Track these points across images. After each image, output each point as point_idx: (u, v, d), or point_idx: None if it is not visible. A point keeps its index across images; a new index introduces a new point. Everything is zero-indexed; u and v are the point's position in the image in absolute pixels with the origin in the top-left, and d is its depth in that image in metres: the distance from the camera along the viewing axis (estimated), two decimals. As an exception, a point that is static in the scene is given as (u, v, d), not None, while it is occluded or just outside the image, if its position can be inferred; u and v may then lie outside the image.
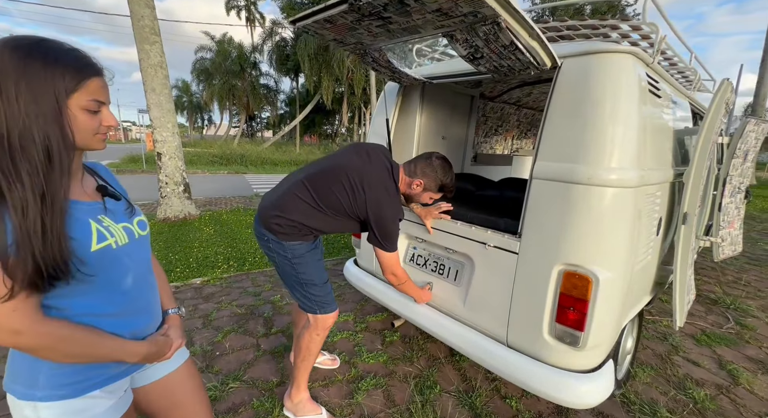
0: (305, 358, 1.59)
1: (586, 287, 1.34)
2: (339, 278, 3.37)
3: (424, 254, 2.01)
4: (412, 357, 2.15)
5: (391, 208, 1.45)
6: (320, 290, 1.53)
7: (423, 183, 1.54)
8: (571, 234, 1.37)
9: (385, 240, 1.47)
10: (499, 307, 1.59)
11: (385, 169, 1.49)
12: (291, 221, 1.45)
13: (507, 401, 1.82)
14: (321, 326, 1.56)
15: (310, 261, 1.51)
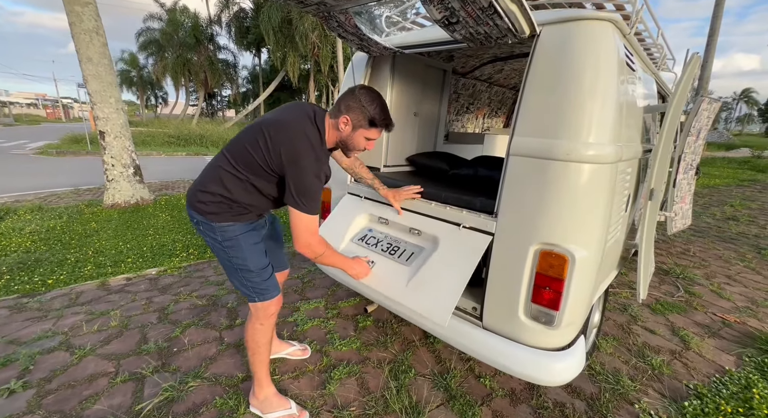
0: (255, 351, 1.48)
1: (562, 266, 1.31)
2: (308, 263, 3.24)
3: (379, 237, 1.91)
4: (386, 342, 2.10)
5: (311, 158, 1.24)
6: (257, 277, 1.40)
7: (350, 119, 1.31)
8: (548, 213, 1.32)
9: (301, 197, 1.24)
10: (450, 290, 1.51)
11: (305, 116, 1.31)
12: (212, 194, 1.32)
13: (481, 381, 1.83)
14: (263, 314, 1.44)
15: (243, 245, 1.36)
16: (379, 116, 1.33)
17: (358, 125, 1.32)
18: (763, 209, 6.35)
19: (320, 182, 1.28)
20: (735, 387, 1.85)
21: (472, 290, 1.75)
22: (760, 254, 3.98)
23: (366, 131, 1.34)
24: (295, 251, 3.55)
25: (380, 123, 1.35)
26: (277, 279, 1.73)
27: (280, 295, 1.48)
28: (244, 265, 1.37)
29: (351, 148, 1.40)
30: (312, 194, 1.27)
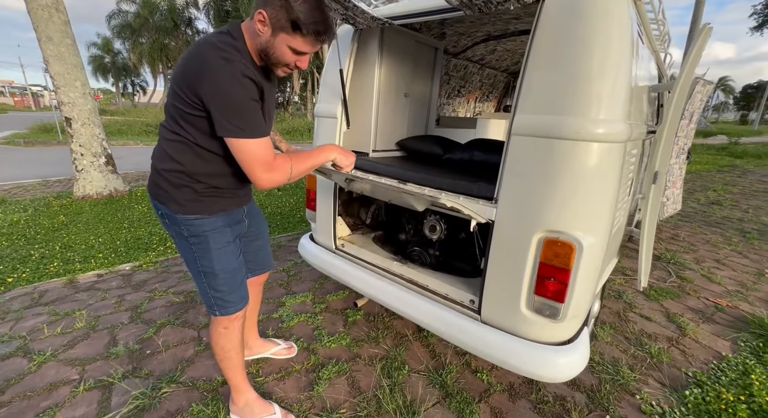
0: (223, 357, 1.32)
1: (568, 255, 1.20)
2: (294, 255, 3.09)
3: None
4: (377, 337, 1.99)
5: (225, 67, 0.95)
6: (223, 285, 1.20)
7: (267, 16, 0.97)
8: (554, 197, 1.21)
9: (232, 118, 0.97)
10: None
11: (214, 34, 1.05)
12: (167, 173, 1.11)
13: (478, 376, 1.74)
14: (224, 321, 1.27)
15: (212, 244, 1.16)
16: (307, 17, 0.95)
17: (278, 28, 0.97)
18: (744, 194, 6.48)
19: (249, 94, 0.99)
20: (733, 373, 1.81)
21: (470, 282, 1.65)
22: (745, 237, 4.03)
23: (289, 38, 0.99)
24: (278, 242, 3.40)
25: (308, 28, 0.97)
26: (257, 280, 1.58)
27: (244, 309, 1.30)
28: (209, 267, 1.18)
29: (274, 62, 1.04)
30: (245, 110, 0.98)
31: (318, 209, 2.10)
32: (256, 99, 1.01)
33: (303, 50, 1.03)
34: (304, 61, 1.06)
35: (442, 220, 1.82)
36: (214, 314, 1.25)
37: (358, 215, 2.31)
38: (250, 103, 0.99)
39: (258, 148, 1.02)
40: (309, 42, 1.01)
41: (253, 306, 1.67)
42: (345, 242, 2.05)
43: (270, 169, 1.05)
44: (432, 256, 1.90)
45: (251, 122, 1.00)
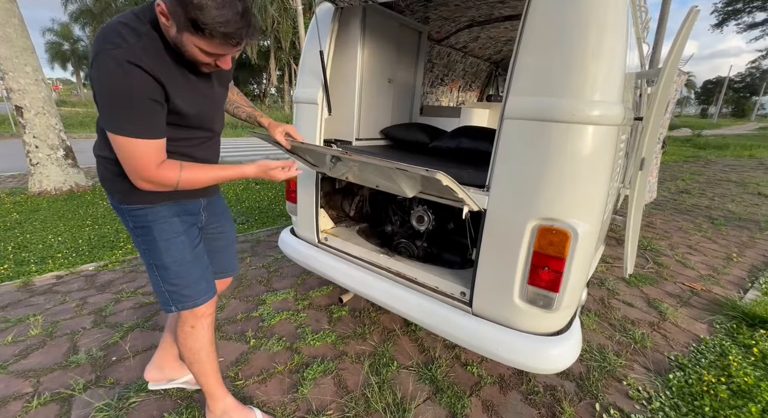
0: (193, 361, 1.21)
1: (563, 243, 1.16)
2: (274, 250, 2.96)
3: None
4: (364, 333, 1.92)
5: (109, 57, 0.81)
6: (175, 277, 1.09)
7: (166, 9, 0.81)
8: (548, 183, 1.16)
9: (115, 113, 0.85)
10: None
11: (125, 14, 0.90)
12: (104, 160, 1.02)
13: (468, 369, 1.70)
14: (191, 317, 1.16)
15: (157, 235, 1.05)
16: (207, 16, 0.78)
17: (181, 25, 0.81)
18: (710, 183, 6.81)
19: (135, 86, 0.82)
20: (712, 355, 1.86)
21: (460, 274, 1.59)
22: (713, 224, 4.21)
23: (194, 38, 0.83)
24: (257, 237, 3.25)
25: (210, 29, 0.80)
26: (221, 286, 1.41)
27: (211, 300, 1.18)
28: (158, 260, 1.07)
29: (189, 59, 0.89)
30: (127, 104, 0.83)
31: (299, 201, 1.99)
32: (147, 92, 0.85)
33: (213, 52, 0.86)
34: (225, 62, 0.91)
35: (430, 210, 1.76)
36: (169, 310, 1.13)
37: (342, 207, 2.21)
38: (135, 97, 0.83)
39: (139, 150, 0.87)
40: (217, 44, 0.84)
41: None
42: (328, 236, 1.95)
43: (150, 178, 0.92)
44: (420, 248, 1.84)
45: (134, 119, 0.85)
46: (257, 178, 1.17)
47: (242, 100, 1.39)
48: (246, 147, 9.99)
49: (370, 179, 1.44)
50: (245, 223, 3.69)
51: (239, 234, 3.35)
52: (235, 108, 1.36)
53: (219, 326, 1.93)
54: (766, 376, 1.72)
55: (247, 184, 5.54)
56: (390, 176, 1.28)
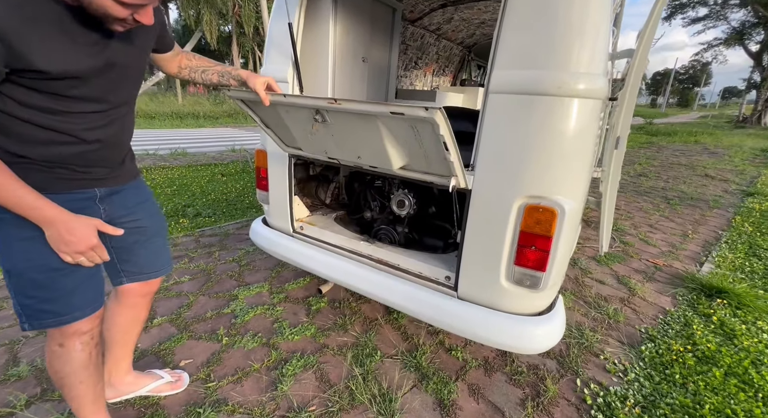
0: (62, 385, 0.99)
1: (550, 221, 1.14)
2: (245, 243, 2.80)
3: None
4: (344, 324, 1.84)
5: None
6: (30, 287, 0.86)
7: None
8: (535, 160, 1.12)
9: None
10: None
11: None
12: None
13: (453, 353, 1.68)
14: (57, 336, 0.93)
15: (10, 233, 0.83)
16: None
17: None
18: (664, 166, 7.27)
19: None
20: (677, 326, 1.97)
21: (444, 258, 1.55)
22: (669, 204, 4.49)
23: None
24: (226, 230, 3.06)
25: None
26: (139, 289, 1.16)
27: (92, 315, 0.94)
28: (9, 265, 0.86)
29: (100, 15, 0.73)
30: None
31: (271, 188, 1.86)
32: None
33: (130, 1, 0.71)
34: (145, 15, 0.76)
35: (411, 194, 1.69)
36: (23, 326, 0.89)
37: (317, 194, 2.10)
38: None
39: None
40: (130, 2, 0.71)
41: (126, 328, 1.21)
42: (304, 224, 1.85)
43: None
44: (401, 234, 1.78)
45: None
46: (53, 226, 0.82)
47: (206, 62, 1.20)
48: (210, 139, 9.46)
49: (352, 148, 1.33)
50: (212, 216, 3.47)
51: (206, 228, 3.15)
52: (202, 73, 1.18)
53: (186, 325, 1.79)
54: (725, 342, 1.84)
55: (212, 175, 5.24)
56: (377, 141, 1.19)
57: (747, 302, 2.17)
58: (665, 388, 1.51)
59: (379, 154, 1.26)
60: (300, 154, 1.63)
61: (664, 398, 1.46)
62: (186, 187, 4.49)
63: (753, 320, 2.04)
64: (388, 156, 1.23)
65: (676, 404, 1.42)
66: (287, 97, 1.19)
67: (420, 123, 1.02)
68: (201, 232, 3.04)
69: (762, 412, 1.40)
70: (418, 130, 1.06)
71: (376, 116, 1.09)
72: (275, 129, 1.53)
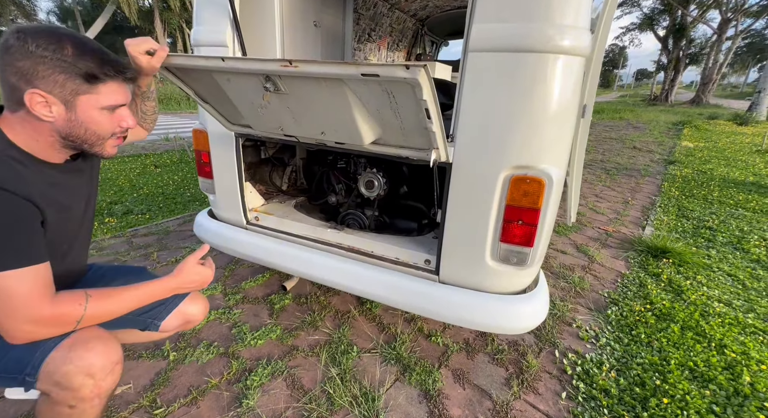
0: None
1: (538, 193, 1.06)
2: (189, 240, 2.46)
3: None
4: (314, 321, 1.67)
5: None
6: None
7: (44, 93, 0.70)
8: (520, 126, 1.02)
9: None
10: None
11: None
12: None
13: (432, 339, 1.60)
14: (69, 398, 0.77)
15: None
16: (96, 59, 0.73)
17: (71, 95, 0.72)
18: (598, 140, 7.87)
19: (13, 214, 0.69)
20: (634, 287, 2.08)
21: (421, 241, 1.43)
22: (609, 174, 4.84)
23: (94, 97, 0.75)
24: (165, 227, 2.67)
25: (106, 69, 0.74)
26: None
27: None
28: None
29: (95, 141, 0.79)
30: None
31: (216, 175, 1.59)
32: (37, 222, 0.73)
33: (119, 103, 0.79)
34: (127, 116, 0.83)
35: (380, 173, 1.54)
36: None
37: (271, 179, 1.86)
38: (15, 230, 0.69)
39: (15, 284, 0.67)
40: (118, 83, 0.78)
41: None
42: (259, 214, 1.61)
43: (41, 318, 0.71)
44: (371, 217, 1.63)
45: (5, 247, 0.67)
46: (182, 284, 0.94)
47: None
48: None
49: (313, 123, 1.13)
50: (146, 212, 3.03)
51: (139, 226, 2.73)
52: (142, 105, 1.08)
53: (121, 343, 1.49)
54: (675, 298, 1.97)
55: (143, 167, 4.61)
56: (344, 112, 1.00)
57: (687, 259, 2.37)
58: (634, 349, 1.57)
59: (347, 128, 1.08)
60: (249, 134, 1.38)
61: (634, 358, 1.52)
62: (111, 182, 3.90)
63: (693, 275, 2.23)
64: (357, 129, 1.06)
65: (646, 363, 1.48)
66: (226, 61, 0.95)
67: (398, 86, 0.86)
68: (133, 231, 2.63)
69: (717, 360, 1.51)
70: (395, 95, 0.90)
71: (343, 81, 0.91)
72: (215, 104, 1.27)
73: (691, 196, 3.94)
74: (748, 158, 6.06)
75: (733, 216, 3.34)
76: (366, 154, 1.26)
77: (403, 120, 0.99)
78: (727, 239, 2.81)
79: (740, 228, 3.04)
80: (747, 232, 2.96)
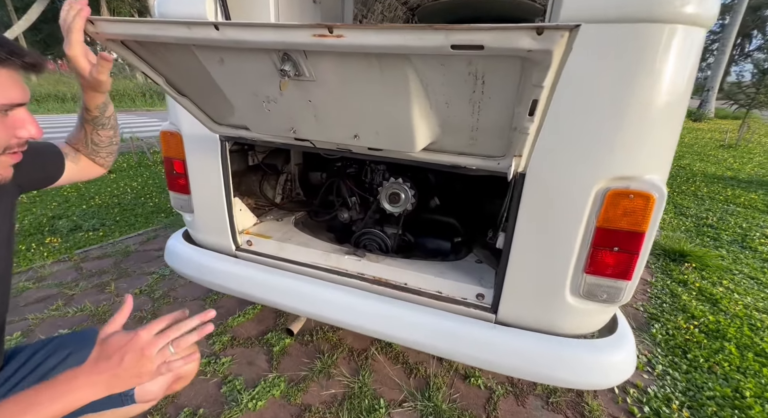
0: None
1: (644, 211, 0.81)
2: (156, 262, 2.04)
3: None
4: (326, 367, 1.35)
5: None
6: None
7: None
8: (625, 122, 0.77)
9: None
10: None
11: None
12: None
13: (471, 381, 1.33)
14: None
15: None
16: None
17: None
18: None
19: None
20: (667, 298, 1.92)
21: (466, 268, 1.15)
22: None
23: None
24: (124, 247, 2.21)
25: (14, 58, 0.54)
26: None
27: None
28: None
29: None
30: None
31: (194, 190, 1.23)
32: None
33: (11, 98, 0.56)
34: (27, 122, 0.59)
35: (407, 183, 1.24)
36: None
37: (262, 191, 1.51)
38: None
39: None
40: (9, 72, 0.55)
41: None
42: (252, 237, 1.27)
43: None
44: (393, 237, 1.32)
45: None
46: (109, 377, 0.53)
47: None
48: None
49: (346, 121, 0.80)
50: (99, 228, 2.54)
51: (90, 246, 2.26)
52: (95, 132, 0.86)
53: None
54: (714, 310, 1.83)
55: (94, 173, 4.00)
56: (399, 105, 0.70)
57: (707, 262, 2.26)
58: (697, 378, 1.38)
59: (396, 129, 0.77)
60: (241, 137, 1.04)
61: (702, 390, 1.33)
62: (53, 191, 3.32)
63: (717, 280, 2.12)
64: (411, 131, 0.75)
65: (718, 397, 1.29)
66: (222, 29, 0.62)
67: (499, 66, 0.57)
68: (83, 254, 2.16)
69: (786, 385, 1.35)
70: (486, 80, 0.61)
71: (409, 59, 0.60)
72: (197, 97, 0.92)
73: (681, 192, 3.95)
74: (717, 153, 6.32)
75: (728, 212, 3.34)
76: (407, 161, 0.96)
77: (481, 116, 0.70)
78: (732, 238, 2.76)
79: (739, 225, 3.02)
80: (747, 229, 2.94)
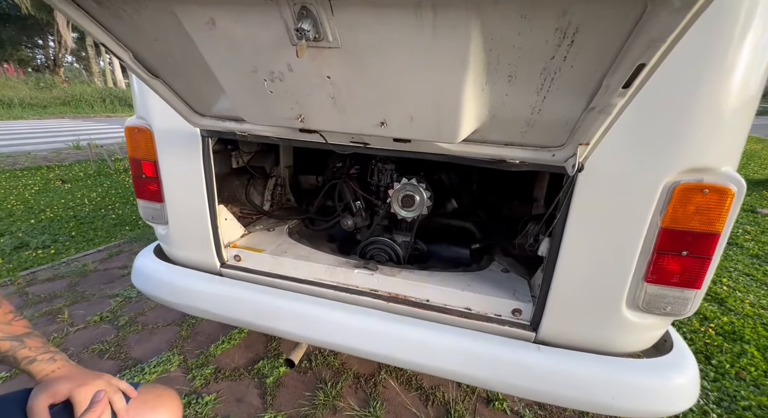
0: None
1: (720, 208, 0.70)
2: (121, 283, 1.77)
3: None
4: (330, 398, 1.16)
5: None
6: None
7: None
8: (704, 105, 0.66)
9: None
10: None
11: None
12: None
13: (496, 406, 1.18)
14: None
15: None
16: None
17: None
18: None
19: None
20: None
21: (495, 279, 1.01)
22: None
23: None
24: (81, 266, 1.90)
25: None
26: None
27: None
28: None
29: None
30: None
31: (169, 196, 1.01)
32: None
33: None
34: None
35: (423, 183, 1.08)
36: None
37: (248, 197, 1.31)
38: None
39: None
40: None
41: None
42: (240, 251, 1.07)
43: None
44: (405, 246, 1.16)
45: None
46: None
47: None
48: (35, 134, 6.92)
49: (373, 105, 0.63)
50: (50, 245, 2.21)
51: (39, 266, 1.94)
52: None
53: None
54: (723, 309, 1.80)
55: (45, 183, 3.59)
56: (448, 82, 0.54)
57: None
58: (728, 386, 1.31)
59: (437, 112, 0.62)
60: (227, 130, 0.85)
61: (735, 400, 1.25)
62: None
63: (718, 278, 2.11)
64: (458, 114, 0.60)
65: (754, 407, 1.22)
66: None
67: (603, 14, 0.43)
68: (30, 275, 1.85)
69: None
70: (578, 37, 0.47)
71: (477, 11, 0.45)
72: (174, 79, 0.73)
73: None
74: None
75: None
76: (417, 156, 0.81)
77: (550, 94, 0.56)
78: (717, 236, 2.81)
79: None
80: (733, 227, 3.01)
